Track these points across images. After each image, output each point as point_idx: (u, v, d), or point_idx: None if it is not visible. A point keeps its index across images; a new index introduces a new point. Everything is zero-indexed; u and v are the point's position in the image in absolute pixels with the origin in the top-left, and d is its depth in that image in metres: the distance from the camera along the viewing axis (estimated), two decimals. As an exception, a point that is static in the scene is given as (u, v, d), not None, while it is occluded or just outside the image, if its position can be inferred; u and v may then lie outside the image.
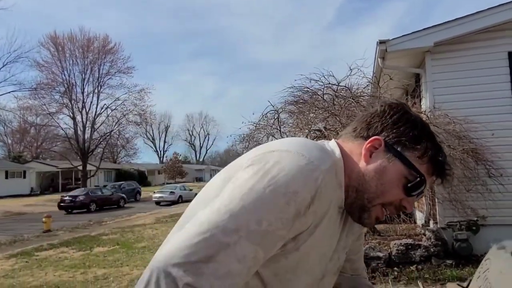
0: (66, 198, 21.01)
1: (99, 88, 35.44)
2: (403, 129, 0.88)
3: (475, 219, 5.98)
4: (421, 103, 6.89)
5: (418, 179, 0.86)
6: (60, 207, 20.79)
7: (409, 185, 0.86)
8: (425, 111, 6.33)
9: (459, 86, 6.34)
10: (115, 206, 23.10)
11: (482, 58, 6.37)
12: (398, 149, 0.88)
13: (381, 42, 6.40)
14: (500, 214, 5.99)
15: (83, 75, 35.05)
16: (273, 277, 0.83)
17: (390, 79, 6.29)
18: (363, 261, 1.16)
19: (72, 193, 22.07)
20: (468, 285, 1.33)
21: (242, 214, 0.73)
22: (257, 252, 0.74)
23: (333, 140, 0.96)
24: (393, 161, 0.87)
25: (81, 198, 20.94)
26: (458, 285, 1.27)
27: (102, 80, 35.57)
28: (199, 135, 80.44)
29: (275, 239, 0.76)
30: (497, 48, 6.35)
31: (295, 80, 7.29)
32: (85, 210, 20.72)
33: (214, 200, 0.79)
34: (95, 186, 34.32)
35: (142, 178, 46.36)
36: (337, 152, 0.91)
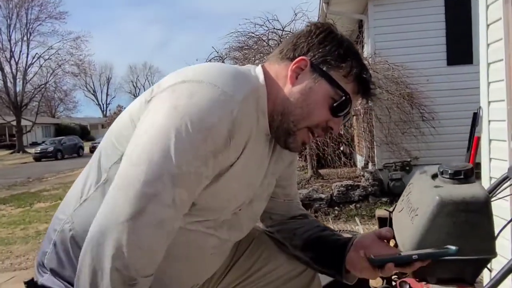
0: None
1: (28, 35, 32.33)
2: (329, 48, 0.87)
3: (409, 159, 6.43)
4: (363, 50, 7.03)
5: (344, 98, 0.86)
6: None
7: (335, 104, 0.86)
8: (366, 57, 6.48)
9: (398, 33, 6.51)
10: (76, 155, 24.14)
11: (421, 5, 6.54)
12: (324, 68, 0.87)
13: (326, -13, 6.33)
14: (430, 155, 6.46)
15: (8, 20, 31.66)
16: (193, 206, 0.83)
17: (334, 24, 6.29)
18: (295, 187, 1.18)
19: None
20: (394, 209, 1.41)
21: (160, 161, 0.72)
22: (183, 194, 0.74)
23: (259, 65, 0.94)
24: (318, 81, 0.87)
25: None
26: (385, 210, 1.36)
27: (31, 27, 32.42)
28: (143, 87, 77.40)
29: (198, 177, 0.76)
30: (435, -3, 6.53)
31: (239, 25, 7.09)
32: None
33: (131, 141, 0.77)
34: (32, 142, 32.44)
35: (84, 133, 44.39)
36: (261, 77, 0.88)
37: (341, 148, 7.31)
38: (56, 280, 0.87)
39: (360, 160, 8.15)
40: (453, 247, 0.81)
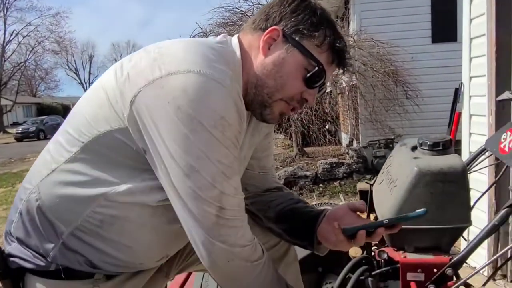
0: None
1: (5, 11, 31.13)
2: (302, 16, 0.86)
3: (392, 137, 6.51)
4: (349, 27, 6.99)
5: (317, 68, 0.85)
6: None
7: (308, 75, 0.85)
8: (352, 34, 6.45)
9: (384, 9, 6.48)
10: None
11: (406, -19, 6.50)
12: (296, 38, 0.85)
13: (311, -39, 6.22)
14: (414, 132, 6.54)
15: (-17, -5, 30.48)
16: None
17: (320, 0, 6.22)
18: (272, 159, 1.17)
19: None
20: (374, 182, 1.43)
21: (204, 166, 0.76)
22: (236, 179, 0.81)
23: (235, 36, 0.92)
24: (291, 52, 0.85)
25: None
26: (366, 182, 1.38)
27: (7, 1, 31.25)
28: (127, 65, 75.83)
29: (237, 160, 0.81)
30: (421, -28, 6.49)
31: (224, 1, 6.94)
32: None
33: (159, 153, 0.78)
34: (13, 122, 31.73)
35: (67, 112, 43.33)
36: (238, 53, 0.87)
37: (327, 126, 7.35)
38: (23, 248, 0.87)
39: (345, 138, 8.22)
40: (422, 209, 0.84)
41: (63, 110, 42.65)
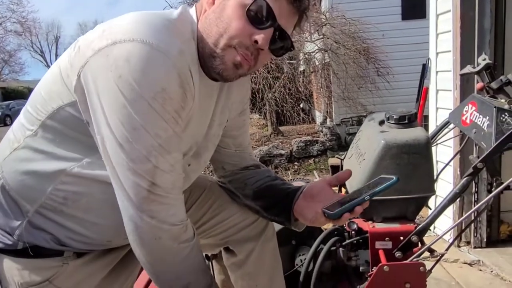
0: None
1: (-40, -10, 29.43)
2: None
3: (365, 114, 6.63)
4: (321, 4, 6.97)
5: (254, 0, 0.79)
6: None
7: (247, 8, 0.79)
8: (324, 11, 6.45)
9: (355, -14, 6.49)
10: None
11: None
12: None
13: None
14: (385, 109, 6.60)
15: None
16: None
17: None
18: (248, 137, 1.16)
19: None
20: (345, 156, 1.46)
21: (140, 138, 0.74)
22: (175, 155, 0.79)
23: (195, 5, 0.89)
24: None
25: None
26: (337, 157, 1.41)
27: (-37, -20, 29.46)
28: (96, 46, 73.32)
29: (177, 135, 0.78)
30: None
31: (194, -22, 6.77)
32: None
33: (98, 122, 0.76)
34: (-23, 107, 30.32)
35: (34, 96, 41.91)
36: (195, 21, 0.85)
37: (301, 105, 7.40)
38: None
39: (318, 116, 8.31)
40: (393, 177, 0.84)
41: (30, 94, 40.88)
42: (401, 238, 1.05)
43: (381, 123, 1.27)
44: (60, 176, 0.82)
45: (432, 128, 2.67)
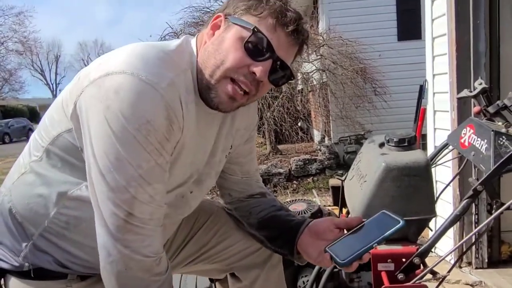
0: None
1: (-37, 10, 29.77)
2: (242, 0, 0.85)
3: (363, 133, 6.67)
4: (318, 26, 7.10)
5: (253, 33, 0.80)
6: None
7: (244, 42, 0.80)
8: (321, 33, 6.56)
9: (352, 9, 6.63)
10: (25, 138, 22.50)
11: (373, -19, 6.67)
12: (235, 15, 0.84)
13: (280, -39, 6.27)
14: (383, 128, 6.72)
15: None
16: None
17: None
18: (255, 164, 1.16)
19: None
20: (345, 178, 1.48)
21: (121, 168, 0.75)
22: (156, 186, 0.79)
23: (196, 35, 0.92)
24: (228, 27, 0.83)
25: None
26: (338, 178, 1.43)
27: (-35, 1, 29.82)
28: (95, 65, 73.49)
29: (160, 167, 0.79)
30: (386, -28, 6.67)
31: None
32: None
33: (86, 152, 0.79)
34: (-25, 126, 30.27)
35: (33, 114, 41.86)
36: (195, 53, 0.87)
37: (299, 124, 7.44)
38: (0, 250, 0.91)
39: (317, 135, 8.35)
40: (400, 220, 0.82)
41: (29, 112, 41.08)
42: (403, 260, 1.06)
43: (381, 145, 1.30)
44: (62, 200, 0.85)
45: (430, 147, 2.70)
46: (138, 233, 0.78)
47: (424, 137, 2.89)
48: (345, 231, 0.95)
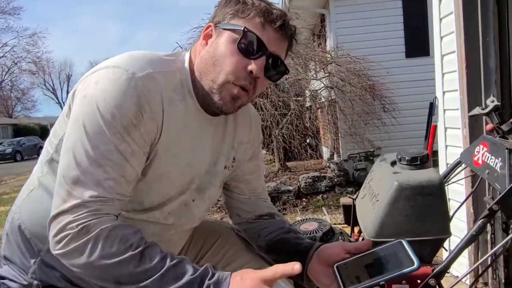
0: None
1: (-21, 32, 30.62)
2: (229, 5, 0.89)
3: (372, 150, 6.62)
4: (326, 44, 7.16)
5: (243, 33, 0.84)
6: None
7: (237, 42, 0.85)
8: (329, 51, 6.60)
9: (359, 26, 6.67)
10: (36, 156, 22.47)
11: (379, -1, 6.73)
12: (224, 22, 0.88)
13: (288, -19, 6.39)
14: (392, 144, 6.68)
15: (-43, 16, 29.86)
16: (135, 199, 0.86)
17: (297, 18, 6.37)
18: (262, 181, 1.16)
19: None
20: (357, 196, 1.47)
21: (79, 146, 0.77)
22: (109, 170, 0.77)
23: (190, 49, 0.96)
24: (220, 33, 0.88)
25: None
26: (349, 197, 1.41)
27: (-18, 23, 30.70)
28: (106, 84, 74.68)
29: (123, 155, 0.78)
30: (392, -10, 6.73)
31: (202, 19, 7.01)
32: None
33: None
34: (-12, 144, 30.73)
35: (44, 133, 42.47)
36: (187, 61, 0.91)
37: (307, 141, 7.43)
38: (10, 269, 0.92)
39: (326, 152, 8.32)
40: (415, 262, 0.76)
41: (41, 131, 41.59)
42: (418, 281, 1.04)
43: (393, 163, 1.29)
44: None
45: (442, 164, 2.67)
46: (73, 212, 0.75)
47: (435, 153, 2.87)
48: None
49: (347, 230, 1.80)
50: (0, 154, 22.82)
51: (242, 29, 0.84)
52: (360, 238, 1.39)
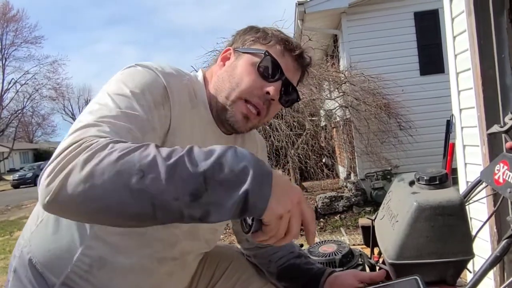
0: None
1: (3, 61, 31.83)
2: (249, 33, 0.96)
3: (389, 168, 6.54)
4: (339, 64, 7.20)
5: (264, 56, 0.90)
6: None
7: (258, 65, 0.90)
8: (343, 70, 6.63)
9: (372, 46, 6.71)
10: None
11: (392, 18, 6.78)
12: (245, 47, 0.94)
13: (300, 4, 6.50)
14: (410, 163, 6.60)
15: (-18, 46, 31.18)
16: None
17: (309, 39, 6.45)
18: None
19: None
20: (376, 217, 1.45)
21: (108, 100, 0.75)
22: (126, 132, 0.70)
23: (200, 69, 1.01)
24: (240, 56, 0.93)
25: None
26: (368, 218, 1.40)
27: (6, 52, 31.95)
28: (123, 108, 76.09)
29: (143, 121, 0.75)
30: (404, 9, 6.78)
31: (217, 44, 7.16)
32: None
33: None
34: (10, 169, 31.53)
35: (63, 157, 43.15)
36: (200, 76, 0.96)
37: (323, 160, 7.39)
38: None
39: (342, 171, 8.25)
40: None
41: (60, 155, 42.01)
42: (443, 304, 1.01)
43: (411, 183, 1.27)
44: (85, 240, 0.82)
45: (462, 182, 2.62)
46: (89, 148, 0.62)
47: (454, 171, 2.82)
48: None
49: (366, 251, 1.77)
50: (21, 179, 23.25)
51: (263, 52, 0.89)
52: (381, 260, 1.37)
